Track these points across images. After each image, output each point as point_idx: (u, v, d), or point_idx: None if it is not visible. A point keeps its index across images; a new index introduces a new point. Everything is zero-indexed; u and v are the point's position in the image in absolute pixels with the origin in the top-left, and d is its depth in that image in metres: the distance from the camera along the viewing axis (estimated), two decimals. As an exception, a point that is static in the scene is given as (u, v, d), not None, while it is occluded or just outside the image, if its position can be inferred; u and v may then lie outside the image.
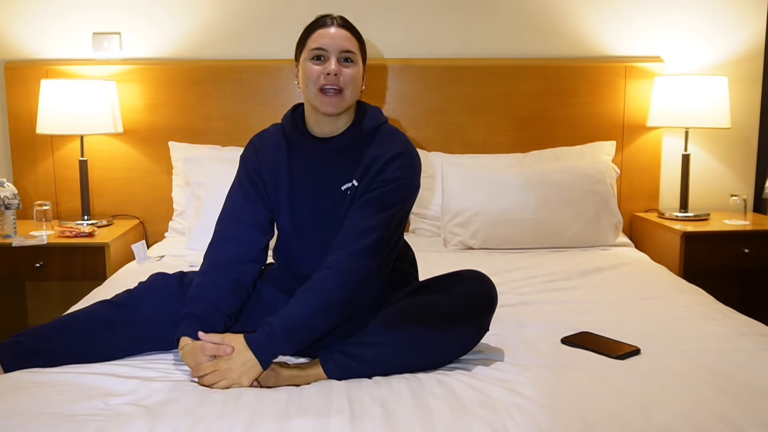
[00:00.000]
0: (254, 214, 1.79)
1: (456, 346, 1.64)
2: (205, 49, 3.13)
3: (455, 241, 2.84)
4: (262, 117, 3.11)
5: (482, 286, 1.69)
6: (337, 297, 1.60)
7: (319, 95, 1.68)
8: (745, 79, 3.23)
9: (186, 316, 1.66)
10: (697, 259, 2.86)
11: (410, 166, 1.73)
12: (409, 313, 1.62)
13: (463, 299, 1.64)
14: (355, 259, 1.62)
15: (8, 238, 2.71)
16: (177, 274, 1.83)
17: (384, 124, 1.78)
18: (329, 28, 1.71)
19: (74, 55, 3.11)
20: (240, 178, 1.84)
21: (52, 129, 2.87)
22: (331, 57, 1.68)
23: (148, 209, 3.15)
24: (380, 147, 1.72)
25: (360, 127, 1.75)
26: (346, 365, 1.57)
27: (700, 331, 1.87)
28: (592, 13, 3.17)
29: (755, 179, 3.31)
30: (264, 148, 1.81)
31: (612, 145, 3.13)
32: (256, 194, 1.79)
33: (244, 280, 1.75)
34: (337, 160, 1.74)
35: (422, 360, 1.61)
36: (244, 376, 1.52)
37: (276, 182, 1.78)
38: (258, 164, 1.80)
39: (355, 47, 1.71)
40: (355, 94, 1.72)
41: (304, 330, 1.58)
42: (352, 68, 1.70)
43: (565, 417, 1.36)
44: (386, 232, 1.66)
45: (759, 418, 1.36)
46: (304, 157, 1.77)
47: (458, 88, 3.13)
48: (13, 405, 1.40)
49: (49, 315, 3.03)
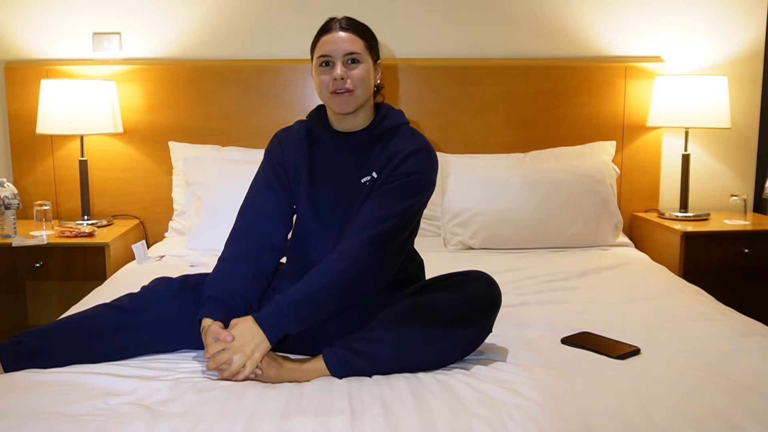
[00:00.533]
0: (276, 204, 1.83)
1: (458, 346, 1.64)
2: (205, 49, 3.13)
3: (455, 241, 2.84)
4: (262, 117, 3.11)
5: (486, 287, 1.70)
6: (343, 279, 1.63)
7: (331, 97, 1.76)
8: (745, 79, 3.23)
9: (208, 298, 1.69)
10: (697, 259, 2.86)
11: (428, 162, 1.79)
12: (412, 311, 1.63)
13: (467, 300, 1.65)
14: (364, 245, 1.66)
15: (8, 238, 2.71)
16: (180, 277, 1.83)
17: (405, 124, 1.85)
18: (333, 33, 1.75)
19: (74, 55, 3.11)
20: (264, 170, 1.89)
21: (52, 129, 2.87)
22: (337, 62, 1.74)
23: (148, 209, 3.15)
24: (400, 143, 1.79)
25: (382, 125, 1.82)
26: (348, 360, 1.58)
27: (700, 331, 1.87)
28: (592, 13, 3.17)
29: (755, 179, 3.31)
30: (288, 142, 1.88)
31: (612, 145, 3.13)
32: (279, 185, 1.85)
33: (264, 268, 1.79)
34: (357, 154, 1.81)
35: (424, 358, 1.61)
36: (256, 351, 1.55)
37: (297, 174, 1.84)
38: (282, 156, 1.86)
39: (359, 47, 1.75)
40: (366, 92, 1.77)
41: (309, 306, 1.60)
42: (358, 68, 1.75)
43: (565, 417, 1.36)
44: (398, 223, 1.70)
45: (759, 418, 1.36)
46: (326, 150, 1.84)
47: (458, 88, 3.13)
48: (13, 405, 1.40)
49: (49, 315, 3.04)
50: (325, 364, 1.59)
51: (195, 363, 1.69)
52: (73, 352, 1.65)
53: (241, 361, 1.55)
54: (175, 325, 1.71)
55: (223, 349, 1.56)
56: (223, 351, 1.56)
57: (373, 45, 1.81)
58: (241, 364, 1.55)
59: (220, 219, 2.71)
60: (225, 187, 2.79)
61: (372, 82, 1.79)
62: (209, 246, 2.71)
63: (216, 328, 1.61)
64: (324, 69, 1.76)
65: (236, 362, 1.55)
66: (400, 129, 1.83)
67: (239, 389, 1.49)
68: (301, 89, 3.10)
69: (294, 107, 3.10)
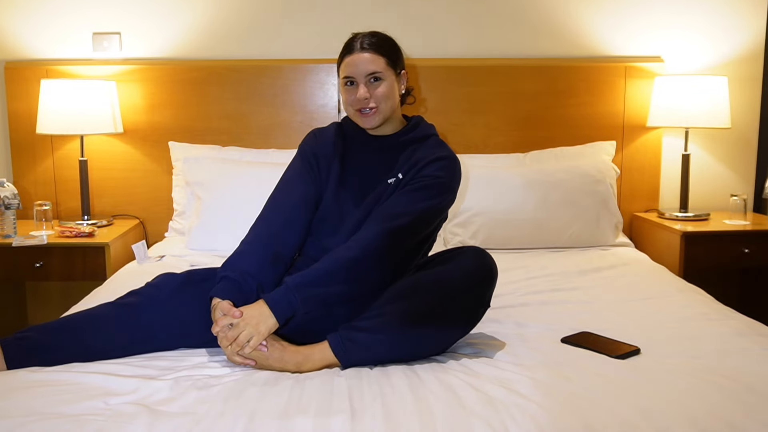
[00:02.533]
0: (304, 192, 1.89)
1: (458, 319, 1.68)
2: (205, 49, 3.14)
3: (455, 241, 2.84)
4: (262, 117, 3.11)
5: (481, 259, 1.74)
6: (351, 265, 1.68)
7: (357, 114, 1.85)
8: (745, 79, 3.23)
9: (222, 278, 1.73)
10: (697, 259, 2.86)
11: (451, 170, 1.86)
12: (411, 286, 1.69)
13: (464, 271, 1.70)
14: (378, 235, 1.71)
15: (8, 238, 2.71)
16: (185, 273, 1.86)
17: (434, 135, 1.94)
18: (354, 55, 1.81)
19: (74, 55, 3.11)
20: (296, 162, 1.97)
21: (52, 129, 2.87)
22: (359, 83, 1.82)
23: (148, 209, 3.15)
24: (427, 150, 1.87)
25: (413, 132, 1.91)
26: (351, 337, 1.62)
27: (700, 331, 1.87)
28: (592, 13, 3.17)
29: (755, 179, 3.31)
30: (323, 138, 1.97)
31: (612, 145, 3.13)
32: (309, 175, 1.92)
33: (284, 252, 1.83)
34: (386, 155, 1.89)
35: (426, 332, 1.64)
36: (261, 324, 1.60)
37: (328, 168, 1.91)
38: (316, 149, 1.95)
39: (380, 66, 1.81)
40: (391, 105, 1.85)
41: (316, 287, 1.65)
42: (381, 86, 1.82)
43: (566, 417, 1.36)
44: (414, 221, 1.76)
45: (759, 418, 1.36)
46: (358, 149, 1.93)
47: (458, 88, 3.14)
48: (14, 404, 1.41)
49: (49, 315, 3.03)
50: (329, 344, 1.63)
51: (195, 359, 1.69)
52: (76, 348, 1.67)
53: (247, 332, 1.59)
54: (179, 321, 1.73)
55: (231, 324, 1.61)
56: (231, 326, 1.60)
57: (395, 59, 1.86)
58: (247, 335, 1.59)
59: (220, 219, 2.73)
60: (225, 187, 2.79)
61: (397, 94, 1.87)
62: (209, 246, 2.71)
63: (225, 304, 1.65)
64: (348, 88, 1.84)
65: (243, 335, 1.59)
66: (429, 139, 1.92)
67: (240, 389, 1.49)
68: (301, 89, 3.10)
69: (294, 107, 3.10)
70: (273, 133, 3.13)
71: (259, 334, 1.60)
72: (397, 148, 1.89)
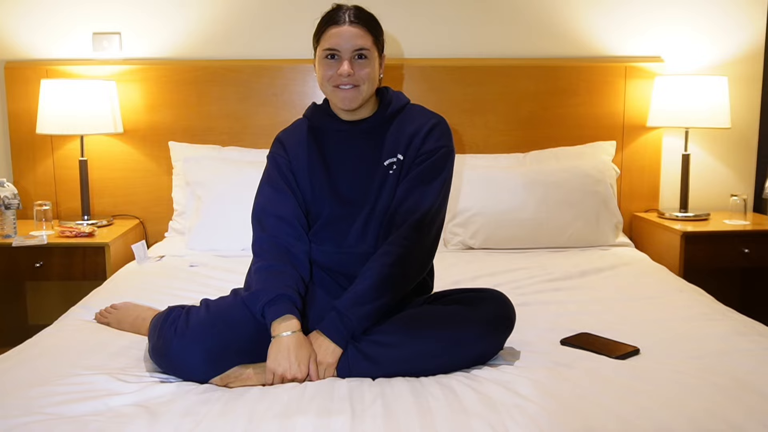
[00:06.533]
0: (292, 208, 1.79)
1: (468, 360, 1.64)
2: (205, 49, 3.13)
3: (455, 241, 2.84)
4: (262, 117, 3.11)
5: (503, 308, 1.71)
6: (395, 271, 1.65)
7: (335, 91, 1.73)
8: (745, 79, 3.23)
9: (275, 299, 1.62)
10: (697, 259, 2.85)
11: (447, 133, 1.82)
12: (426, 319, 1.65)
13: (484, 318, 1.66)
14: (410, 233, 1.69)
15: (8, 238, 2.71)
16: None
17: (408, 103, 1.86)
18: (341, 27, 1.71)
19: (74, 55, 3.11)
20: (269, 174, 1.85)
21: (52, 129, 2.87)
22: (344, 57, 1.70)
23: (148, 209, 3.15)
24: (415, 122, 1.80)
25: (389, 108, 1.81)
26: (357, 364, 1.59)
27: (700, 331, 1.87)
28: (592, 13, 3.17)
29: (755, 179, 3.31)
30: (291, 143, 1.85)
31: (612, 145, 3.13)
32: (288, 188, 1.81)
33: (298, 273, 1.73)
34: (372, 139, 1.80)
35: (432, 366, 1.61)
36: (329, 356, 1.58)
37: (310, 171, 1.81)
38: (287, 158, 1.84)
39: (368, 43, 1.72)
40: (371, 88, 1.75)
41: (364, 304, 1.61)
42: (366, 65, 1.72)
43: (566, 417, 1.36)
44: (437, 203, 1.74)
45: (759, 418, 1.36)
46: (338, 140, 1.81)
47: (458, 88, 3.13)
48: (14, 405, 1.40)
49: (49, 315, 3.02)
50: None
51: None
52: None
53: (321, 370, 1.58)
54: None
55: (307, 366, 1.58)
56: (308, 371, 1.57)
57: (380, 39, 1.78)
58: (323, 373, 1.58)
59: (220, 219, 2.74)
60: (225, 187, 2.79)
61: (377, 77, 1.77)
62: (209, 246, 2.71)
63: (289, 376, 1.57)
64: (329, 62, 1.72)
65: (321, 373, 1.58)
66: (405, 108, 1.84)
67: (240, 389, 1.49)
68: (301, 89, 3.10)
69: (294, 107, 3.10)
70: (273, 133, 3.04)
71: (331, 367, 1.59)
72: (380, 126, 1.80)
